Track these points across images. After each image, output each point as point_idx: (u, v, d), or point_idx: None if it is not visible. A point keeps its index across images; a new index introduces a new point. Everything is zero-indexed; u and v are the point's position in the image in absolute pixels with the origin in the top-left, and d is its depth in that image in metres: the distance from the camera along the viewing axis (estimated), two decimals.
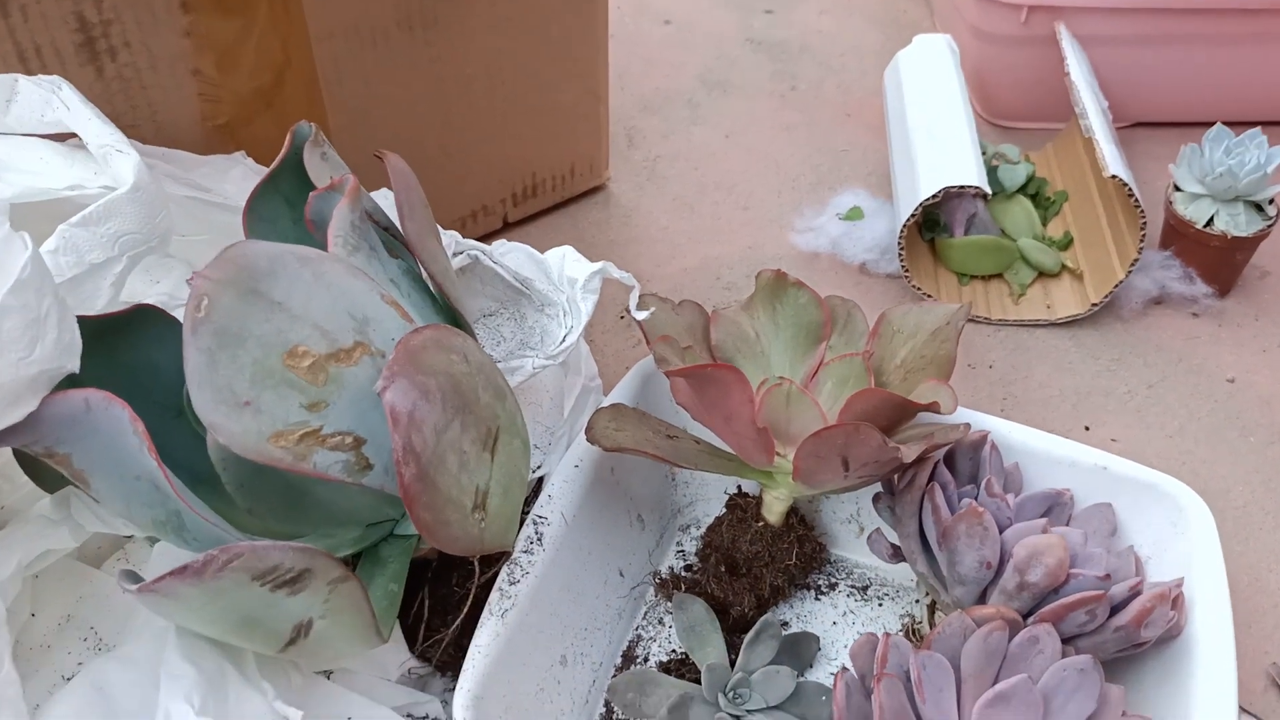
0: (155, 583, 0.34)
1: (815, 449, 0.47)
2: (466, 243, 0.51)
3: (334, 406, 0.38)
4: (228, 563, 0.34)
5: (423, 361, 0.38)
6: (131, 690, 0.39)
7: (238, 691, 0.39)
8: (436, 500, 0.38)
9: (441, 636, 0.48)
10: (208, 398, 0.36)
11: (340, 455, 0.38)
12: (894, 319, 0.56)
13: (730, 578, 0.55)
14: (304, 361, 0.37)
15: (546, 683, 0.51)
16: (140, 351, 0.43)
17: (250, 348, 0.36)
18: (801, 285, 0.57)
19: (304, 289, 0.38)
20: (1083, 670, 0.44)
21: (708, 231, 0.85)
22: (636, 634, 0.58)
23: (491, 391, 0.42)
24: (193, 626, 0.38)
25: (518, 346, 0.51)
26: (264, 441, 0.36)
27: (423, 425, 0.37)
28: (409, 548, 0.47)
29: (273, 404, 0.37)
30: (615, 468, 0.57)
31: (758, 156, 0.92)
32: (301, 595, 0.37)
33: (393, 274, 0.43)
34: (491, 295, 0.52)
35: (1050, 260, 0.77)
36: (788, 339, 0.58)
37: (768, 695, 0.52)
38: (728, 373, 0.47)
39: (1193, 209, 0.74)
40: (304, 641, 0.39)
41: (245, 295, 0.36)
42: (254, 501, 0.41)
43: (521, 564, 0.50)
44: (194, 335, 0.36)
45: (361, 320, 0.39)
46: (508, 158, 0.79)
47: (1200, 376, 0.73)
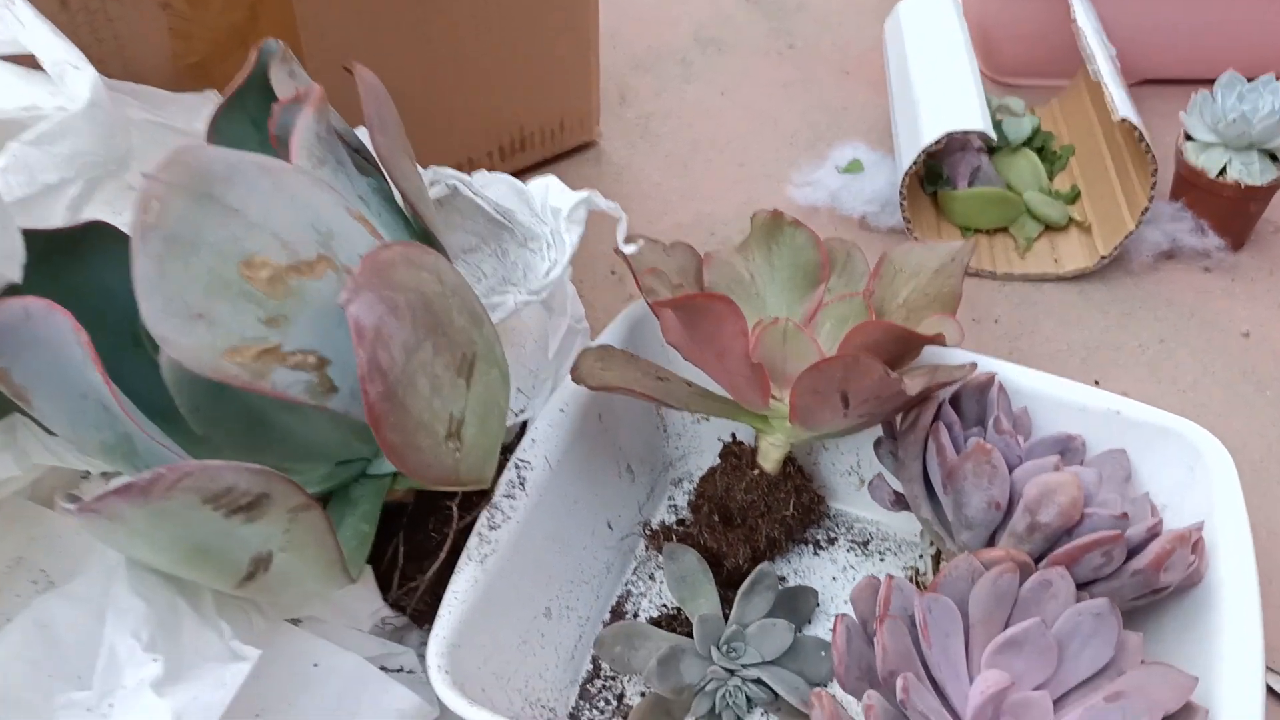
0: (97, 501, 0.31)
1: (813, 383, 0.44)
2: (444, 172, 0.48)
3: (294, 323, 0.35)
4: (176, 482, 0.32)
5: (391, 277, 0.36)
6: (76, 627, 0.36)
7: (192, 630, 0.36)
8: (406, 423, 0.35)
9: (417, 584, 0.46)
10: (157, 309, 0.33)
11: (302, 375, 0.35)
12: (896, 258, 0.53)
13: (724, 529, 0.53)
14: (262, 272, 0.34)
15: (529, 635, 0.48)
16: (93, 274, 0.41)
17: (203, 256, 0.34)
18: (799, 225, 0.55)
19: (263, 197, 0.35)
20: (1099, 615, 0.42)
21: (702, 188, 0.82)
22: (626, 589, 0.55)
23: (467, 316, 0.40)
24: (142, 557, 0.35)
25: (499, 283, 0.49)
26: (218, 357, 0.34)
27: (390, 342, 0.35)
28: (382, 488, 0.45)
29: (228, 317, 0.34)
30: (603, 414, 0.55)
31: (753, 114, 0.90)
32: (259, 524, 0.35)
33: (362, 191, 0.41)
34: (471, 230, 0.49)
35: (1057, 213, 0.75)
36: (784, 280, 0.55)
37: (763, 649, 0.49)
38: (720, 303, 0.44)
39: (1205, 158, 0.71)
40: (263, 577, 0.36)
41: (199, 200, 0.34)
42: (211, 428, 0.38)
43: (503, 509, 0.47)
44: (143, 241, 0.33)
45: (326, 234, 0.37)
46: (494, 109, 0.77)
47: (1214, 331, 0.70)
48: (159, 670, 0.34)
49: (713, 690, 0.48)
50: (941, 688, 0.41)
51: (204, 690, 0.34)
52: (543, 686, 0.48)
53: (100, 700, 0.34)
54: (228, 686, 0.34)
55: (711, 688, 0.48)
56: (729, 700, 0.49)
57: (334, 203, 0.37)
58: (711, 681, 0.48)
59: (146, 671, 0.34)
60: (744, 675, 0.49)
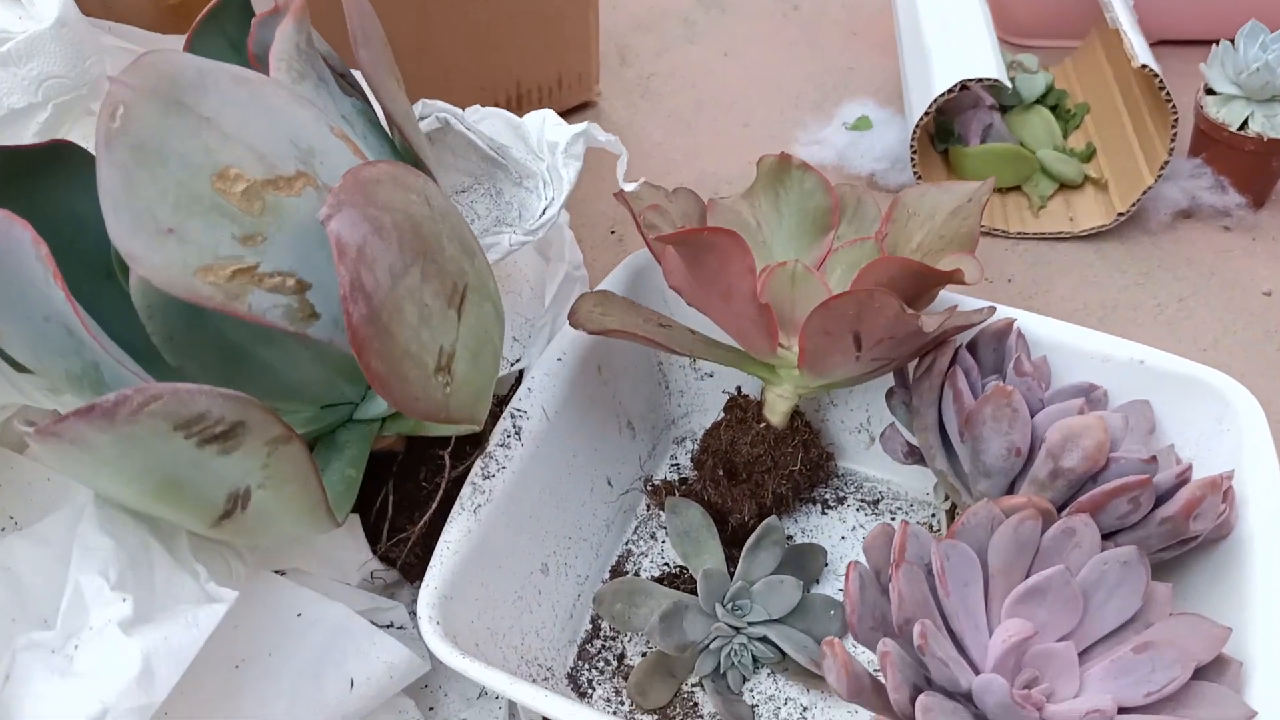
0: (57, 424, 0.29)
1: (824, 323, 0.42)
2: (435, 104, 0.46)
3: (272, 242, 0.33)
4: (143, 405, 0.29)
5: (376, 195, 0.33)
6: (42, 570, 0.34)
7: (165, 571, 0.34)
8: (391, 350, 0.33)
9: (407, 535, 0.44)
10: (125, 224, 0.31)
11: (280, 299, 0.33)
12: (909, 201, 0.51)
13: (729, 484, 0.51)
14: (236, 185, 0.32)
15: (525, 591, 0.46)
16: (63, 200, 0.38)
17: (173, 167, 0.31)
18: (808, 168, 0.52)
19: (238, 108, 0.33)
20: (1126, 563, 0.39)
21: (705, 148, 0.80)
22: (626, 548, 0.53)
23: (458, 245, 0.37)
24: (110, 491, 0.33)
25: (493, 225, 0.46)
26: (190, 275, 0.31)
27: (375, 264, 0.32)
28: (369, 433, 0.42)
29: (200, 233, 0.32)
30: (603, 367, 0.52)
31: (758, 75, 0.87)
32: (235, 455, 0.32)
33: (345, 111, 0.38)
34: (463, 169, 0.47)
35: (1072, 170, 0.72)
36: (792, 227, 0.53)
37: (770, 607, 0.47)
38: (726, 237, 0.42)
39: (1226, 111, 0.69)
40: (241, 516, 0.34)
41: (168, 107, 0.31)
42: (185, 360, 0.36)
43: (497, 458, 0.45)
44: (108, 149, 0.31)
45: (306, 150, 0.34)
46: (491, 65, 0.74)
47: (1235, 290, 0.68)
48: (128, 610, 0.31)
49: (717, 648, 0.46)
50: (960, 639, 0.39)
51: (176, 631, 0.31)
52: (540, 645, 0.46)
53: (64, 641, 0.31)
54: (201, 627, 0.32)
55: (716, 645, 0.46)
56: (734, 659, 0.46)
57: (315, 119, 0.35)
58: (716, 639, 0.46)
59: (114, 611, 0.31)
60: (750, 633, 0.47)
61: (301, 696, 0.38)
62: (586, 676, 0.48)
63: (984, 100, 0.75)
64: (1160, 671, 0.37)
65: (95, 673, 0.31)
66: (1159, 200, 0.70)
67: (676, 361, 0.58)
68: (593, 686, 0.47)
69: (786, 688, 0.47)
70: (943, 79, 0.66)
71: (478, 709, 0.45)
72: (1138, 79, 0.72)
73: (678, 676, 0.47)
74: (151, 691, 0.30)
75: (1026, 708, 0.35)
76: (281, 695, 0.37)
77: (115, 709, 0.30)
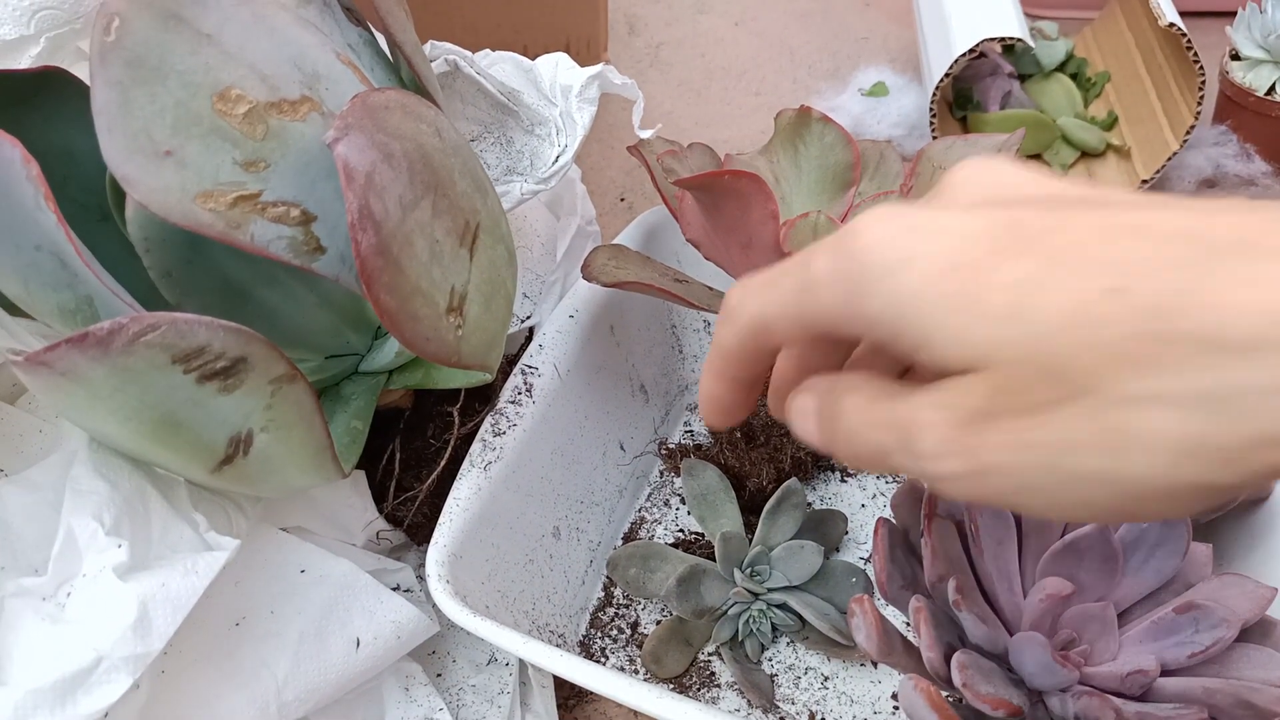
0: (47, 352, 0.27)
1: None
2: (444, 46, 0.44)
3: (276, 169, 0.31)
4: (139, 335, 0.28)
5: (386, 122, 0.32)
6: (32, 515, 0.32)
7: (163, 519, 0.32)
8: (401, 285, 0.31)
9: (414, 493, 0.42)
10: (120, 145, 0.29)
11: (284, 229, 0.31)
12: (934, 154, 0.49)
13: (746, 447, 0.49)
14: (238, 107, 0.30)
15: (536, 555, 0.44)
16: (56, 133, 0.37)
17: (172, 86, 0.30)
18: (828, 121, 0.51)
19: (240, 26, 0.31)
20: (1167, 522, 0.38)
21: (716, 116, 0.78)
22: (640, 515, 0.51)
23: (470, 180, 0.36)
24: (104, 430, 0.31)
25: (503, 174, 0.45)
26: (189, 201, 0.30)
27: (384, 192, 0.31)
28: (376, 386, 0.41)
29: (199, 156, 0.30)
30: (615, 327, 0.51)
31: (770, 43, 0.85)
32: (237, 394, 0.31)
33: (351, 40, 0.37)
34: (473, 117, 0.45)
35: (1094, 138, 0.71)
36: (812, 183, 0.51)
37: (790, 573, 0.45)
38: (748, 181, 0.40)
39: (1252, 76, 0.67)
40: (243, 461, 0.32)
41: (166, 20, 0.30)
42: (184, 298, 0.34)
43: (508, 415, 0.44)
44: (102, 65, 0.29)
45: (311, 75, 0.33)
46: (495, 25, 0.72)
47: None
48: (124, 556, 0.30)
49: (735, 614, 0.45)
50: (994, 599, 0.37)
51: (174, 578, 0.30)
52: (551, 611, 0.45)
53: (56, 588, 0.30)
54: (201, 575, 0.30)
55: (735, 611, 0.45)
56: (753, 626, 0.45)
57: (320, 44, 0.33)
58: (735, 605, 0.44)
59: (109, 557, 0.30)
60: (769, 600, 0.45)
61: (305, 656, 0.36)
62: (599, 645, 0.46)
63: (1003, 68, 0.73)
64: (1205, 632, 0.36)
65: (89, 620, 0.29)
66: (1183, 169, 0.69)
67: (690, 324, 0.56)
68: (606, 655, 0.46)
69: (807, 657, 0.45)
70: (963, 39, 0.64)
71: (487, 675, 0.43)
72: (1161, 44, 0.70)
73: (694, 645, 0.46)
74: (148, 640, 0.29)
75: (1068, 667, 0.34)
76: (284, 654, 0.35)
77: (110, 657, 0.28)
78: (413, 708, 0.40)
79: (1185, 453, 0.20)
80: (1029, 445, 0.21)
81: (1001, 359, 0.21)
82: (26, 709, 0.27)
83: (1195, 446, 0.20)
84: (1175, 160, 0.67)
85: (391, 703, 0.40)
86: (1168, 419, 0.20)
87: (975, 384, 0.21)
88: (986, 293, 0.20)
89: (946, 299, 0.21)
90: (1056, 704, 0.35)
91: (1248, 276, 0.19)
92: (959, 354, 0.21)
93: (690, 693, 0.44)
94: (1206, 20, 0.86)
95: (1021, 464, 0.21)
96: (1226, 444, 0.19)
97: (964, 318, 0.21)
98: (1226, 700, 0.33)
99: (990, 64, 0.74)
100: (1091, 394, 0.20)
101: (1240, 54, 0.68)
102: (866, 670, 0.45)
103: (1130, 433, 0.20)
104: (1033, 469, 0.21)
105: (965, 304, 0.21)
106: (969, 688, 0.32)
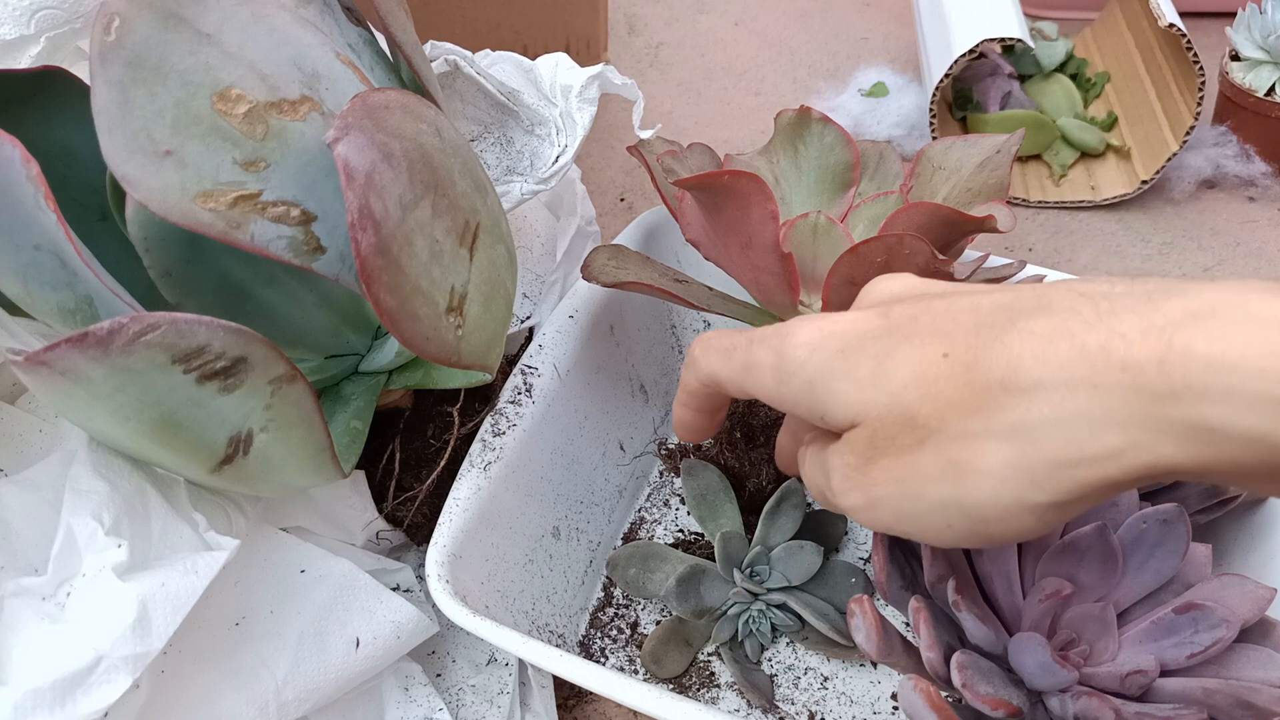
0: (46, 351, 0.27)
1: (850, 271, 0.40)
2: (444, 46, 0.44)
3: (276, 168, 0.31)
4: (139, 334, 0.28)
5: (385, 121, 0.32)
6: (31, 515, 0.32)
7: (163, 519, 0.32)
8: (401, 285, 0.31)
9: (414, 494, 0.42)
10: (120, 144, 0.29)
11: (284, 229, 0.31)
12: (934, 155, 0.49)
13: (746, 447, 0.49)
14: (238, 107, 0.30)
15: (536, 555, 0.44)
16: (56, 133, 0.37)
17: (172, 85, 0.30)
18: (828, 121, 0.51)
19: (240, 26, 0.31)
20: (1166, 522, 0.38)
21: (716, 116, 0.78)
22: (639, 515, 0.51)
23: (470, 180, 0.36)
24: (103, 431, 0.31)
25: (503, 174, 0.45)
26: (189, 200, 0.30)
27: (384, 192, 0.31)
28: (376, 386, 0.41)
29: (199, 156, 0.30)
30: (615, 327, 0.51)
31: (769, 43, 0.86)
32: (237, 394, 0.31)
33: (351, 40, 0.37)
34: (473, 116, 0.45)
35: (1094, 139, 0.71)
36: (811, 183, 0.51)
37: (789, 573, 0.45)
38: (748, 181, 0.40)
39: (1252, 76, 0.67)
40: (243, 461, 0.32)
41: (166, 20, 0.30)
42: (184, 298, 0.34)
43: (508, 415, 0.44)
44: (102, 64, 0.29)
45: (311, 75, 0.33)
46: (495, 25, 0.73)
47: (1261, 260, 0.66)
48: (123, 555, 0.30)
49: (735, 614, 0.45)
50: (993, 600, 0.37)
51: (174, 577, 0.30)
52: (551, 611, 0.45)
53: (56, 588, 0.30)
54: (201, 574, 0.30)
55: (734, 611, 0.45)
56: (753, 626, 0.45)
57: (320, 43, 0.33)
58: (735, 605, 0.44)
59: (109, 556, 0.30)
60: (769, 600, 0.45)
61: (304, 656, 0.36)
62: (599, 645, 0.46)
63: (1003, 68, 0.73)
64: (1204, 633, 0.36)
65: (89, 620, 0.29)
66: (1182, 169, 0.69)
67: (690, 325, 0.56)
68: (606, 655, 0.46)
69: (806, 657, 0.45)
70: (963, 40, 0.64)
71: (486, 675, 0.43)
72: (1161, 44, 0.70)
73: (693, 645, 0.46)
74: (148, 640, 0.29)
75: (1067, 667, 0.34)
76: (283, 654, 0.35)
77: (110, 657, 0.28)
78: (412, 708, 0.40)
79: (1005, 477, 0.24)
80: (899, 479, 0.26)
81: (872, 414, 0.26)
82: (26, 708, 0.27)
83: (1011, 471, 0.24)
84: (1175, 161, 0.67)
85: (391, 703, 0.40)
86: (988, 450, 0.24)
87: (859, 435, 0.27)
88: (857, 365, 0.26)
89: (834, 373, 0.27)
90: (1056, 704, 0.35)
91: (1029, 331, 0.24)
92: (844, 414, 0.27)
93: (690, 693, 0.44)
94: (1206, 21, 0.86)
95: (896, 494, 0.26)
96: (1032, 466, 0.24)
97: (844, 385, 0.27)
98: (1226, 701, 0.33)
99: (990, 64, 0.74)
100: (936, 434, 0.25)
101: (1240, 54, 0.68)
102: (866, 670, 0.45)
103: (962, 462, 0.25)
104: (905, 499, 0.26)
105: (844, 375, 0.27)
106: (968, 688, 0.32)
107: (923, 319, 0.26)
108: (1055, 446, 0.23)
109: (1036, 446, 0.23)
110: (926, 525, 0.26)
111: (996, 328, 0.25)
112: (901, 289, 0.30)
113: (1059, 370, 0.23)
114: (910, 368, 0.25)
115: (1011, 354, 0.24)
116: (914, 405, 0.25)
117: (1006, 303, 0.25)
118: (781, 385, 0.28)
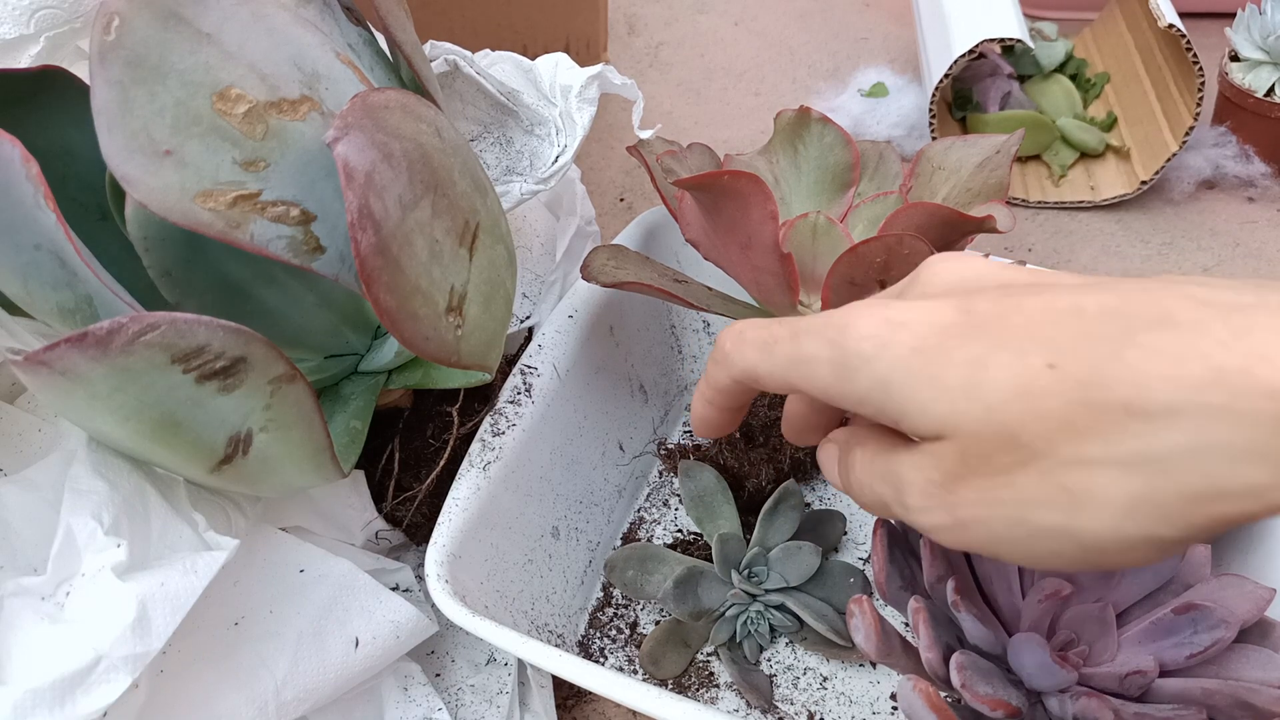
0: (46, 351, 0.27)
1: (849, 271, 0.40)
2: (443, 46, 0.44)
3: (276, 168, 0.31)
4: (139, 334, 0.28)
5: (385, 121, 0.32)
6: (31, 515, 0.32)
7: (162, 519, 0.32)
8: (401, 284, 0.31)
9: (413, 493, 0.42)
10: (120, 144, 0.29)
11: (284, 229, 0.31)
12: (933, 155, 0.49)
13: (745, 447, 0.49)
14: (238, 106, 0.30)
15: (535, 554, 0.44)
16: (55, 132, 0.37)
17: (171, 85, 0.30)
18: (828, 121, 0.51)
19: (239, 25, 0.31)
20: None
21: (716, 116, 0.78)
22: (638, 515, 0.51)
23: (470, 181, 0.36)
24: (103, 430, 0.31)
25: (503, 174, 0.45)
26: (189, 200, 0.30)
27: (384, 192, 0.31)
28: (375, 386, 0.41)
29: (199, 156, 0.30)
30: (615, 327, 0.51)
31: (769, 43, 0.86)
32: (237, 394, 0.31)
33: (351, 40, 0.37)
34: (472, 117, 0.45)
35: (1093, 139, 0.71)
36: (811, 184, 0.51)
37: (788, 574, 0.45)
38: (747, 182, 0.40)
39: (1252, 77, 0.67)
40: (242, 461, 0.32)
41: (166, 19, 0.30)
42: (183, 298, 0.34)
43: (507, 414, 0.44)
44: (102, 64, 0.29)
45: (311, 75, 0.33)
46: (495, 25, 0.73)
47: (1261, 261, 0.66)
48: (123, 555, 0.30)
49: (733, 616, 0.45)
50: (992, 600, 0.37)
51: (173, 577, 0.30)
52: (550, 611, 0.45)
53: (55, 587, 0.30)
54: (200, 574, 0.30)
55: (732, 613, 0.45)
56: (751, 627, 0.45)
57: (320, 43, 0.33)
58: (732, 606, 0.44)
59: (108, 556, 0.30)
60: (767, 601, 0.45)
61: (303, 655, 0.36)
62: (598, 645, 0.46)
63: (1002, 69, 0.74)
64: (1203, 633, 0.36)
65: (88, 619, 0.29)
66: (1182, 169, 0.69)
67: (689, 325, 0.56)
68: (605, 655, 0.46)
69: (805, 657, 0.45)
70: (962, 40, 0.64)
71: (485, 675, 0.43)
72: (1161, 45, 0.70)
73: (692, 646, 0.46)
74: (148, 639, 0.29)
75: (1066, 668, 0.34)
76: (283, 654, 0.35)
77: (109, 656, 0.28)
78: (411, 707, 0.40)
79: (1129, 510, 0.22)
80: (996, 502, 0.24)
81: (965, 429, 0.23)
82: (25, 708, 0.27)
83: (1137, 504, 0.22)
84: (1174, 161, 0.67)
85: (390, 703, 0.40)
86: (1110, 479, 0.22)
87: (946, 449, 0.24)
88: (944, 370, 0.23)
89: (914, 376, 0.24)
90: (1055, 704, 0.35)
91: (1154, 349, 0.21)
92: (928, 425, 0.24)
93: (689, 693, 0.44)
94: (1206, 21, 0.86)
95: (992, 518, 0.24)
96: (1163, 501, 0.21)
97: (929, 392, 0.24)
98: (1225, 701, 0.33)
99: (990, 65, 0.74)
100: (1043, 457, 0.23)
101: (1239, 55, 0.68)
102: (865, 671, 0.45)
103: (1079, 492, 0.22)
104: (1002, 523, 0.24)
105: (928, 380, 0.24)
106: (968, 688, 0.32)
107: (1014, 320, 0.23)
108: (1190, 480, 0.21)
109: (1168, 478, 0.21)
110: (1028, 551, 0.24)
111: (1110, 340, 0.22)
112: (975, 276, 0.26)
113: (1193, 395, 0.21)
114: (1010, 379, 0.23)
115: (1135, 373, 0.21)
116: (1016, 423, 0.23)
117: (1114, 307, 0.23)
118: (844, 382, 0.25)
